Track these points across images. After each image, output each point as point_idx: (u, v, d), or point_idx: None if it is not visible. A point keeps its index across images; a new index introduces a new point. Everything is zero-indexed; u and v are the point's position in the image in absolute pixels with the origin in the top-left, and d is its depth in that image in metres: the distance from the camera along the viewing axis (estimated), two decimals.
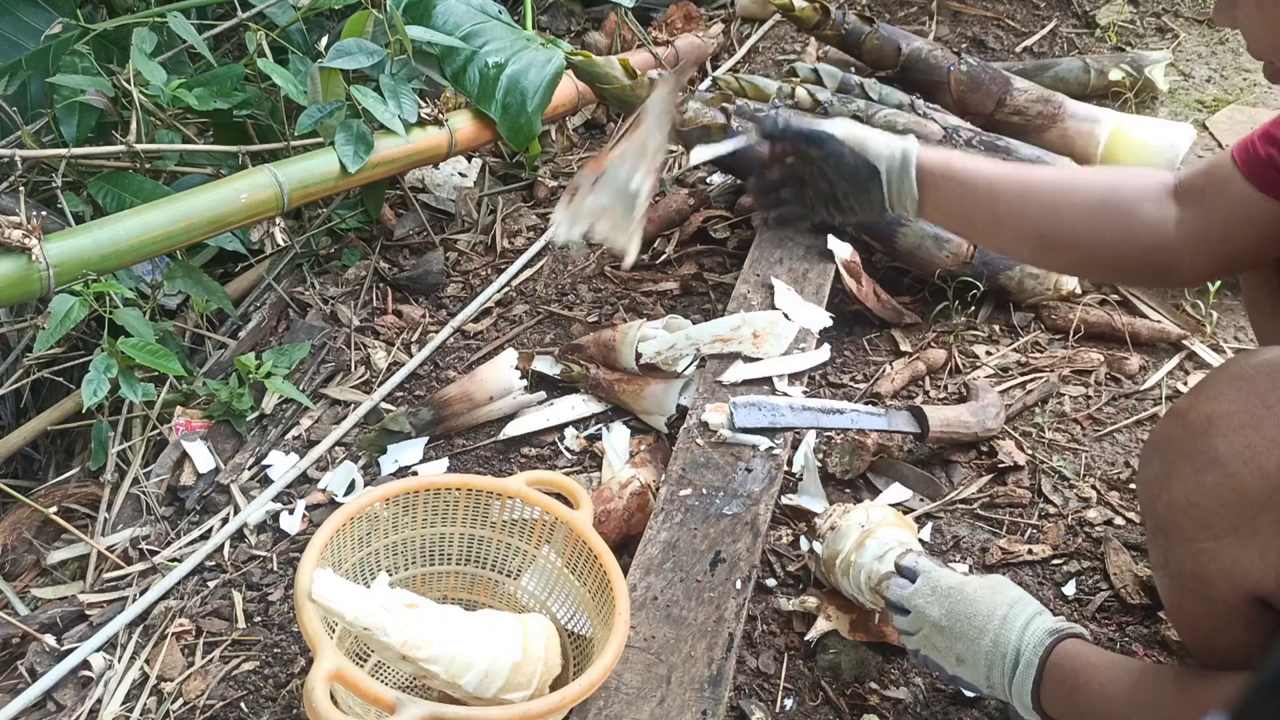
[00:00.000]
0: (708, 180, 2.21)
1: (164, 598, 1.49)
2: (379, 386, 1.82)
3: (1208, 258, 1.13)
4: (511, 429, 1.68)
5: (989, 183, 1.21)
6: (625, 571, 1.27)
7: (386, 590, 1.17)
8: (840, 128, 1.28)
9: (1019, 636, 1.07)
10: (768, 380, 1.62)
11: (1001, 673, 1.07)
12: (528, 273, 2.07)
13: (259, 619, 1.45)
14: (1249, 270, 1.22)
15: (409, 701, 1.01)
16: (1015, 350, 1.76)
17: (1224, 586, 0.96)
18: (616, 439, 1.65)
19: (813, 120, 1.30)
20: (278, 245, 2.05)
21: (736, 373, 1.62)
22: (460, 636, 1.15)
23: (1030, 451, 1.57)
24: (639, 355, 1.71)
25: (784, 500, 1.51)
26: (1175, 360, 1.73)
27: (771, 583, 1.42)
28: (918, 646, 1.15)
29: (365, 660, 1.31)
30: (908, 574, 1.18)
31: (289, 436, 1.75)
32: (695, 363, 1.68)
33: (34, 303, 1.73)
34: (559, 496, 1.33)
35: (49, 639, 1.44)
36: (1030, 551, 1.44)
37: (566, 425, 1.70)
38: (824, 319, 1.73)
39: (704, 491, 1.43)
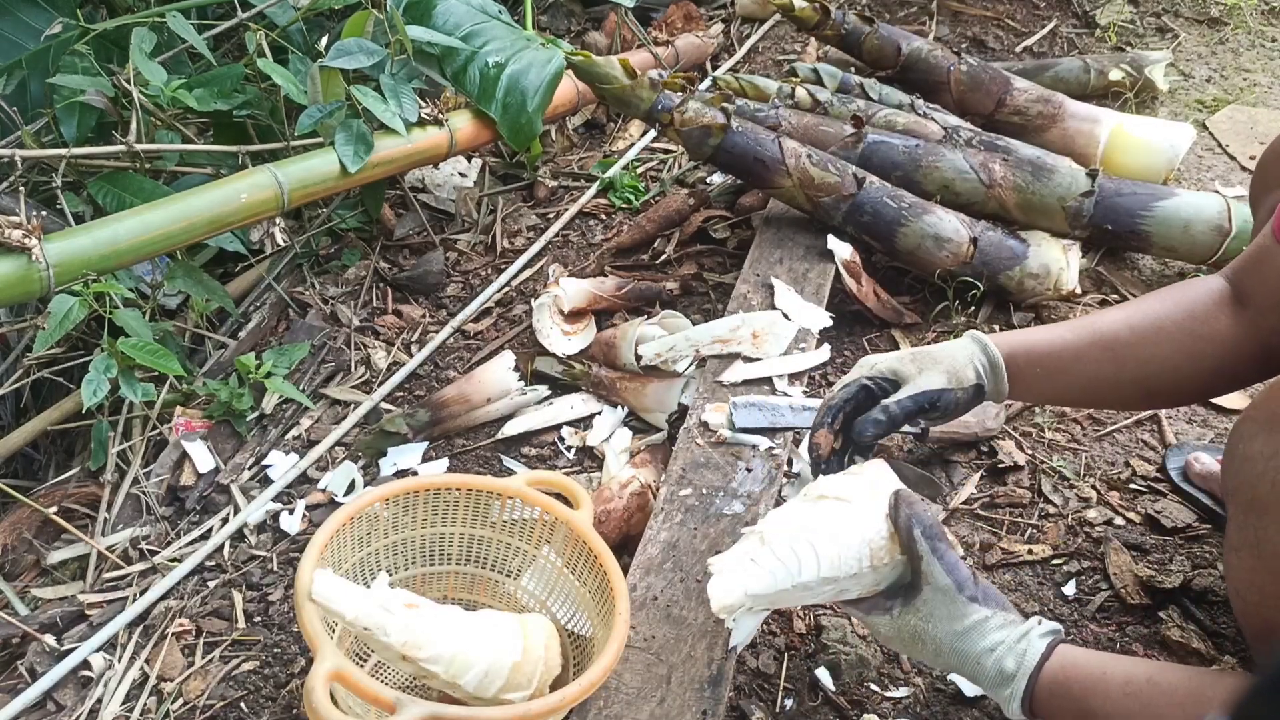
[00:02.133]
0: (708, 180, 2.21)
1: (164, 598, 1.49)
2: (379, 386, 1.82)
3: None
4: (510, 428, 1.69)
5: (1074, 356, 1.18)
6: (625, 571, 1.27)
7: (386, 590, 1.17)
8: (932, 380, 1.21)
9: (1011, 652, 1.03)
10: (768, 380, 1.62)
11: (989, 682, 1.04)
12: (528, 273, 2.07)
13: (259, 619, 1.45)
14: None
15: (409, 701, 1.01)
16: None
17: None
18: (616, 439, 1.65)
19: (907, 394, 1.21)
20: (278, 245, 2.05)
21: (736, 373, 1.62)
22: (460, 636, 1.15)
23: (1030, 451, 1.57)
24: (639, 356, 1.71)
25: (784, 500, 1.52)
26: None
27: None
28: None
29: (365, 660, 1.31)
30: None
31: (289, 436, 1.75)
32: (695, 363, 1.68)
33: (34, 303, 1.73)
34: (559, 496, 1.33)
35: (49, 639, 1.44)
36: (1030, 551, 1.44)
37: (565, 425, 1.70)
38: (824, 319, 1.73)
39: (704, 491, 1.43)
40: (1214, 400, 1.64)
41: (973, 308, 1.82)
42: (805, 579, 1.07)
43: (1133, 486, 1.52)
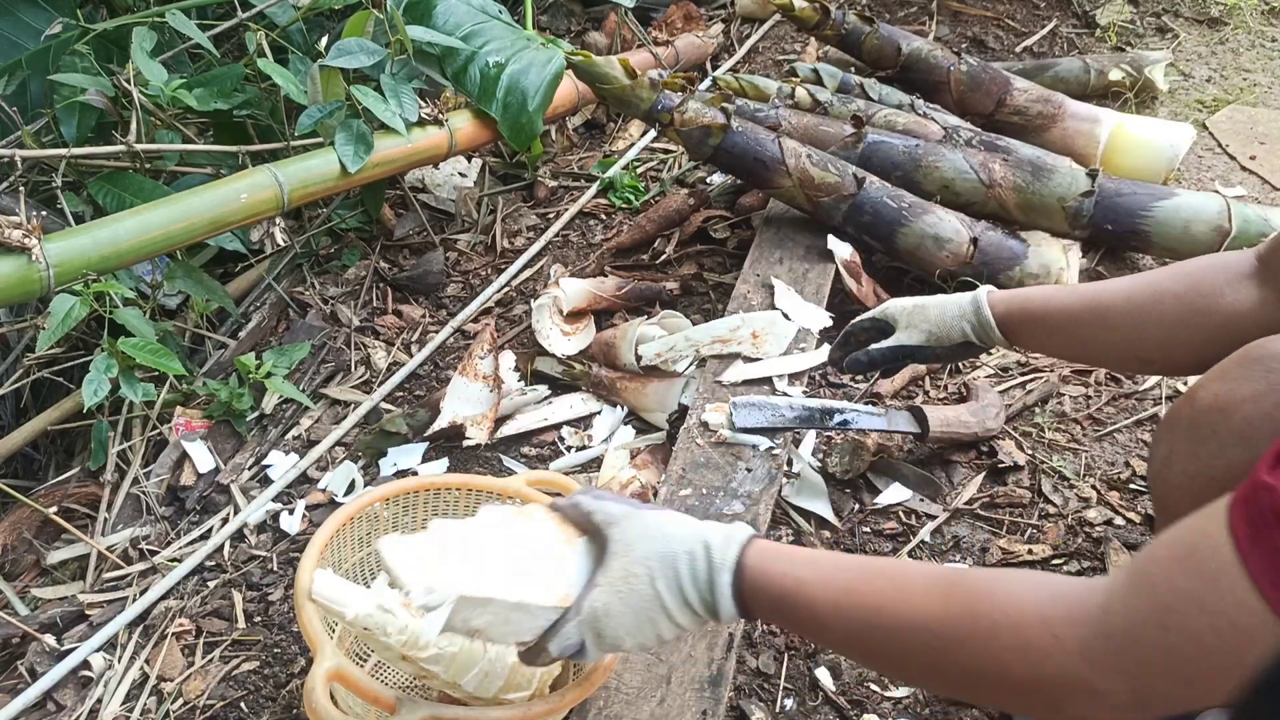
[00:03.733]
0: (708, 180, 2.21)
1: (164, 598, 1.49)
2: (379, 386, 1.82)
3: None
4: (510, 428, 1.69)
5: (1071, 318, 1.22)
6: None
7: (386, 590, 1.16)
8: (912, 335, 1.35)
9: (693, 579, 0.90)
10: (768, 380, 1.62)
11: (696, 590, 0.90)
12: (528, 273, 2.07)
13: (259, 619, 1.45)
14: None
15: (409, 702, 1.01)
16: (1015, 350, 1.76)
17: None
18: (616, 439, 1.65)
19: (885, 337, 1.39)
20: (278, 245, 2.05)
21: (736, 373, 1.62)
22: (460, 636, 1.15)
23: (1030, 451, 1.57)
24: (639, 356, 1.71)
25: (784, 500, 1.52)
26: None
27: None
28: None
29: (366, 660, 1.31)
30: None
31: (289, 436, 1.75)
32: (695, 363, 1.68)
33: (34, 303, 1.73)
34: (560, 496, 1.33)
35: (49, 639, 1.44)
36: (1030, 551, 1.44)
37: (565, 425, 1.70)
38: (824, 319, 1.73)
39: (704, 491, 1.43)
40: None
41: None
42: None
43: (1133, 486, 1.52)
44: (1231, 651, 0.67)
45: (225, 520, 1.61)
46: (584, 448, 1.66)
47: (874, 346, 1.39)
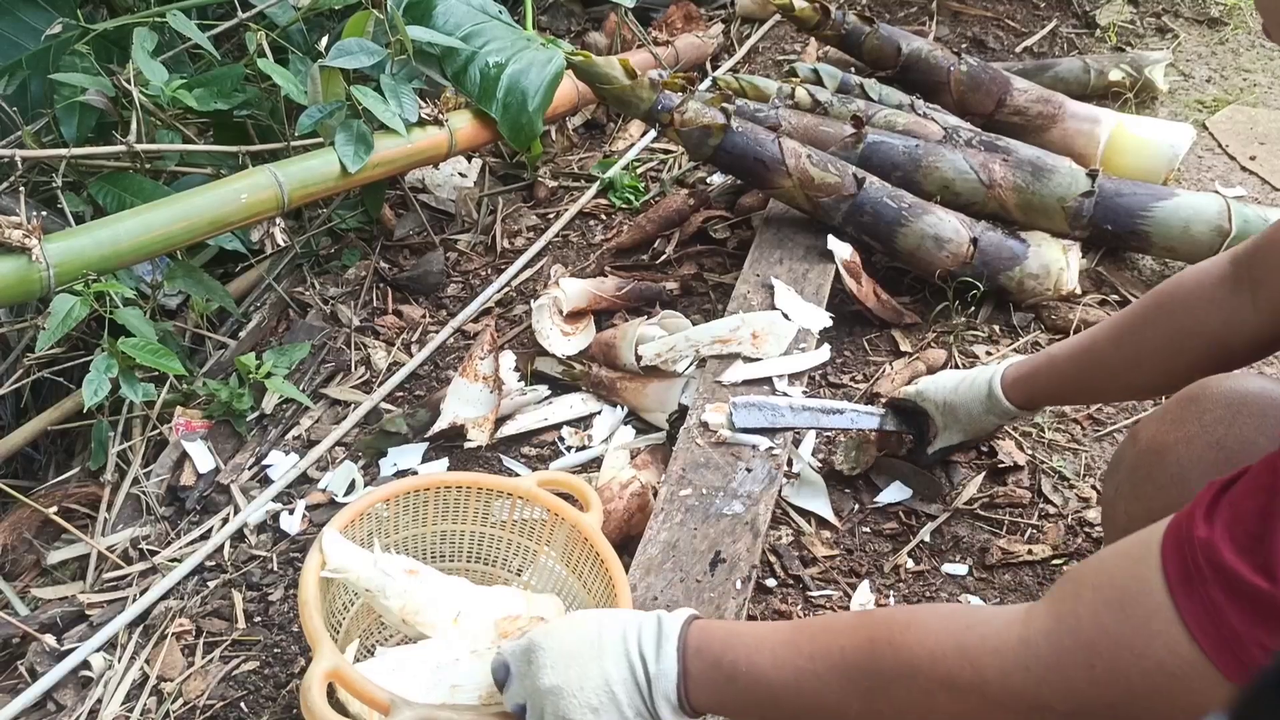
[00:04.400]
0: (708, 180, 2.21)
1: (164, 598, 1.49)
2: (379, 386, 1.82)
3: None
4: (510, 428, 1.69)
5: (1072, 377, 1.29)
6: (625, 571, 1.27)
7: (384, 555, 1.19)
8: (953, 436, 1.46)
9: (629, 643, 0.89)
10: (768, 380, 1.62)
11: (633, 688, 0.87)
12: (528, 273, 2.07)
13: (259, 619, 1.45)
14: None
15: (403, 703, 1.01)
16: (1015, 350, 1.76)
17: None
18: (616, 439, 1.65)
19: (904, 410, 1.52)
20: (278, 245, 2.05)
21: (736, 373, 1.62)
22: (461, 603, 1.17)
23: (1030, 451, 1.57)
24: (639, 356, 1.71)
25: (784, 500, 1.52)
26: None
27: (771, 583, 1.42)
28: None
29: (372, 653, 1.31)
30: (499, 679, 0.96)
31: (289, 436, 1.75)
32: (695, 363, 1.68)
33: (34, 303, 1.73)
34: (566, 497, 1.33)
35: (49, 639, 1.44)
36: (1030, 551, 1.44)
37: (565, 425, 1.70)
38: (824, 319, 1.73)
39: (704, 491, 1.43)
40: None
41: (973, 308, 1.82)
42: None
43: None
44: (1162, 695, 0.67)
45: (225, 520, 1.61)
46: (584, 448, 1.66)
47: (931, 451, 1.49)
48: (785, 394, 1.59)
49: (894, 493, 1.53)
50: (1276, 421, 0.96)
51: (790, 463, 1.56)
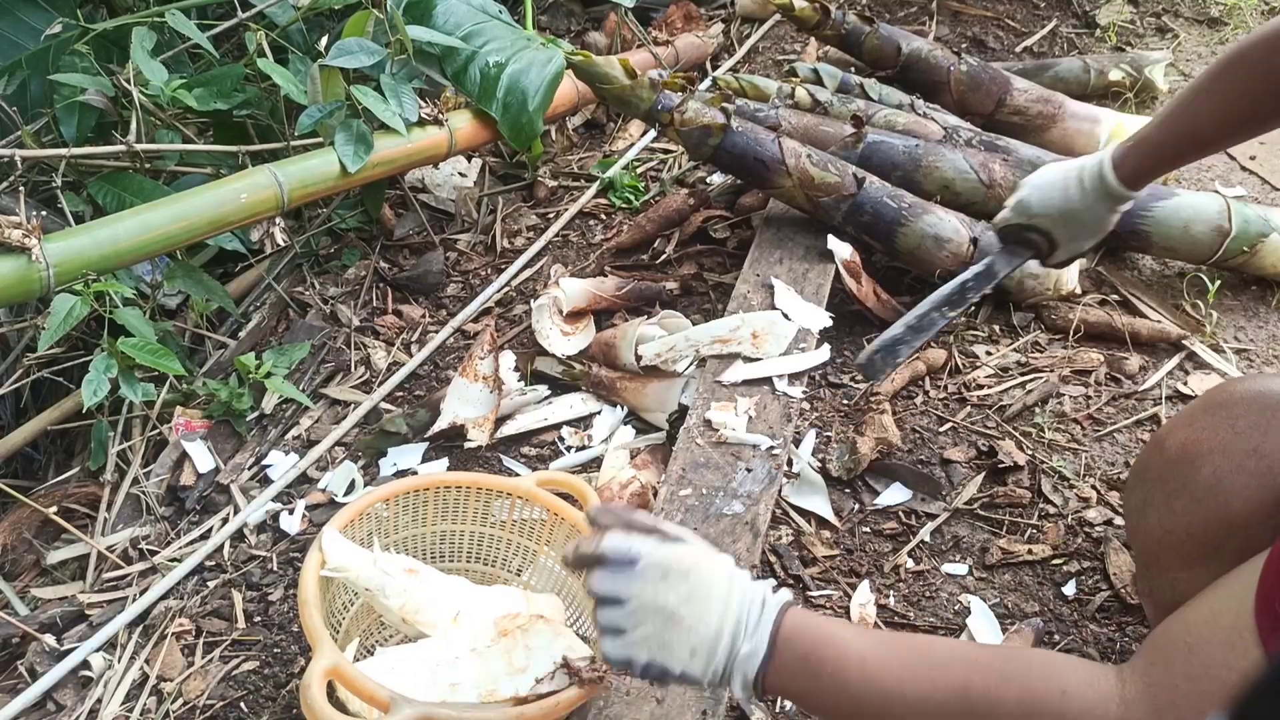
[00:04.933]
0: (708, 180, 2.21)
1: (164, 598, 1.49)
2: (379, 386, 1.82)
3: None
4: (510, 428, 1.69)
5: (1178, 129, 1.24)
6: None
7: (384, 555, 1.19)
8: (1079, 246, 1.38)
9: (743, 608, 0.88)
10: (768, 380, 1.62)
11: (726, 652, 0.86)
12: (528, 273, 2.07)
13: (259, 619, 1.45)
14: None
15: (403, 701, 1.01)
16: (1015, 350, 1.76)
17: None
18: (616, 439, 1.65)
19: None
20: (278, 245, 2.05)
21: (737, 373, 1.62)
22: (460, 602, 1.18)
23: (1030, 451, 1.57)
24: (639, 356, 1.71)
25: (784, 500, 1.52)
26: (1175, 360, 1.72)
27: (771, 583, 1.42)
28: (629, 654, 0.87)
29: (371, 654, 1.31)
30: (620, 558, 0.88)
31: (289, 436, 1.75)
32: (694, 363, 1.68)
33: (34, 303, 1.73)
34: (566, 497, 1.33)
35: (49, 639, 1.44)
36: (1030, 551, 1.44)
37: (565, 425, 1.70)
38: (824, 319, 1.73)
39: (704, 491, 1.43)
40: None
41: (973, 308, 1.82)
42: None
43: None
44: None
45: (225, 520, 1.61)
46: (584, 448, 1.66)
47: (1054, 263, 1.40)
48: (786, 394, 1.59)
49: (894, 493, 1.53)
50: None
51: (790, 463, 1.56)
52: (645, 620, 0.86)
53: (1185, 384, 1.67)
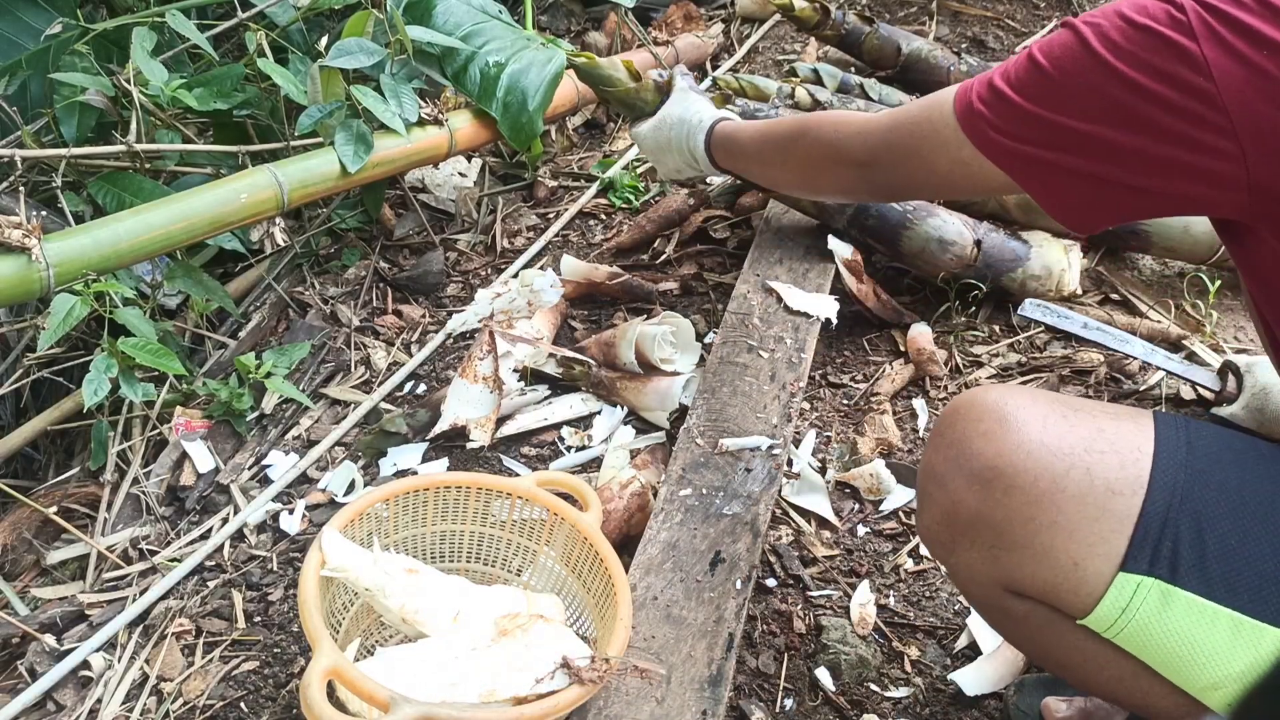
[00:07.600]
0: (708, 180, 2.21)
1: (164, 598, 1.49)
2: (379, 386, 1.82)
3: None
4: (510, 428, 1.68)
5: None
6: (624, 571, 1.27)
7: (384, 555, 1.19)
8: (1252, 374, 1.48)
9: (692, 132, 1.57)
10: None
11: (690, 147, 1.57)
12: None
13: (259, 619, 1.45)
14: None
15: (403, 700, 1.01)
16: (1015, 350, 1.76)
17: (975, 592, 1.01)
18: (616, 439, 1.65)
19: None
20: (278, 245, 2.05)
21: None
22: (460, 602, 1.18)
23: None
24: (639, 355, 1.71)
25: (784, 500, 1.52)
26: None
27: (771, 583, 1.42)
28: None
29: (372, 654, 1.31)
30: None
31: (289, 436, 1.75)
32: (695, 363, 1.68)
33: (34, 303, 1.73)
34: (567, 497, 1.33)
35: (49, 639, 1.44)
36: None
37: (565, 425, 1.70)
38: (832, 305, 1.73)
39: (704, 491, 1.43)
40: None
41: (973, 308, 1.83)
42: None
43: None
44: (927, 140, 1.10)
45: (225, 520, 1.61)
46: (584, 448, 1.66)
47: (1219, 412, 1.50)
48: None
49: (895, 494, 1.53)
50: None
51: (790, 463, 1.56)
52: (674, 125, 1.62)
53: (1185, 384, 1.67)
